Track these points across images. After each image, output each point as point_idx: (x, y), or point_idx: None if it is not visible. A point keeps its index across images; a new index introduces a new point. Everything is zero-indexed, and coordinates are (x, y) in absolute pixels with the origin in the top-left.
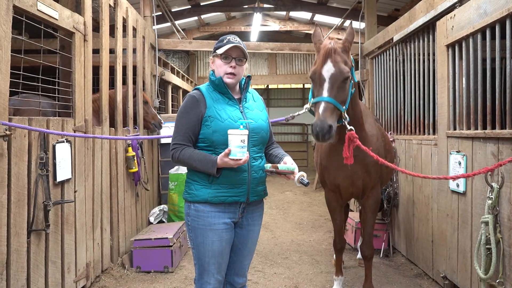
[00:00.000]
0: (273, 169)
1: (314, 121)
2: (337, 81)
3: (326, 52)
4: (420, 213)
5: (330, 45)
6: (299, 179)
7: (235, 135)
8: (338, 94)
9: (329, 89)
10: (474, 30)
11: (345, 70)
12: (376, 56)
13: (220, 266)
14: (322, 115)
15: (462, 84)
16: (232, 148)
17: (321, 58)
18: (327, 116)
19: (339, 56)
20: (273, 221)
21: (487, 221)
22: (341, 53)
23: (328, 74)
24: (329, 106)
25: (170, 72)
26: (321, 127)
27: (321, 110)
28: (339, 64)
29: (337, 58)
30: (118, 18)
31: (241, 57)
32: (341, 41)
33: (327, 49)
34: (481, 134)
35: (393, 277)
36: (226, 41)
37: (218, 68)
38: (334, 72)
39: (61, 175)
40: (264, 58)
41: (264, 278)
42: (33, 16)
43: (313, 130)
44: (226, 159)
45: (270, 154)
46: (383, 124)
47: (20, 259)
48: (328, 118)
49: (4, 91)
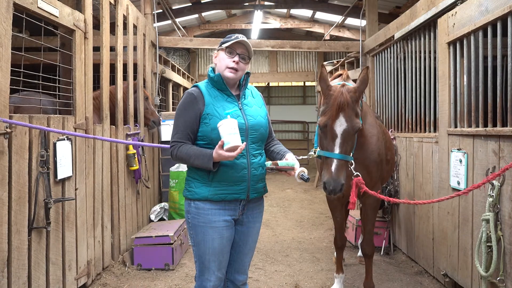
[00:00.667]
0: (273, 166)
1: (327, 178)
2: (349, 135)
3: (338, 105)
4: (421, 211)
5: (342, 97)
6: (300, 174)
7: (224, 125)
8: (348, 147)
9: (341, 145)
10: (476, 27)
11: (357, 124)
12: (377, 53)
13: (221, 264)
14: (335, 173)
15: (463, 81)
16: (225, 137)
17: (333, 111)
18: (340, 174)
19: (351, 109)
20: (274, 218)
21: (488, 219)
22: (352, 104)
23: (340, 130)
24: (341, 163)
25: (171, 69)
26: (334, 187)
27: (334, 168)
28: (351, 119)
29: (349, 112)
30: (119, 16)
31: (245, 56)
32: (353, 90)
33: (340, 102)
34: (482, 131)
35: (394, 274)
36: (234, 37)
37: (221, 61)
38: (347, 128)
39: (61, 172)
40: (265, 56)
41: (265, 275)
42: (33, 13)
43: (326, 187)
44: (220, 151)
45: (271, 151)
46: (383, 121)
47: (21, 256)
48: (341, 176)
49: (5, 89)
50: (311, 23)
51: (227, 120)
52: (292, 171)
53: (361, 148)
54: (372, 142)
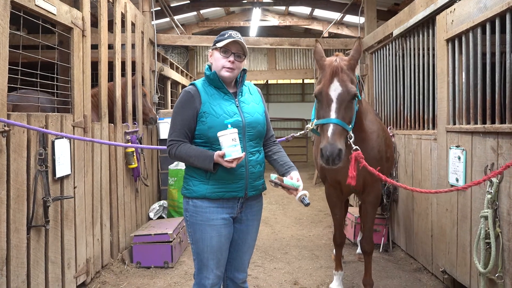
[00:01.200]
0: (278, 181)
1: (324, 144)
2: (345, 101)
3: (332, 70)
4: (420, 208)
5: (336, 62)
6: (301, 197)
7: (225, 136)
8: (345, 114)
9: (337, 110)
10: (474, 24)
11: (353, 89)
12: (376, 50)
13: (219, 262)
14: (332, 138)
15: (461, 78)
16: (225, 149)
17: (327, 77)
18: (336, 139)
19: (346, 74)
20: (273, 216)
21: (487, 216)
22: (347, 71)
23: (335, 94)
24: (338, 128)
25: (169, 67)
26: (331, 152)
27: (330, 133)
28: (346, 83)
29: (344, 77)
30: (117, 13)
31: (240, 53)
32: (347, 58)
33: (334, 67)
34: (481, 128)
35: (393, 271)
36: (227, 35)
37: (216, 61)
38: (342, 92)
39: (60, 171)
40: (263, 53)
41: (264, 273)
42: (31, 11)
43: (323, 154)
44: (220, 159)
45: (273, 160)
46: (382, 119)
47: (20, 255)
48: (338, 142)
49: (3, 87)
50: (309, 21)
51: (227, 131)
52: (295, 192)
53: (361, 144)
54: (372, 139)
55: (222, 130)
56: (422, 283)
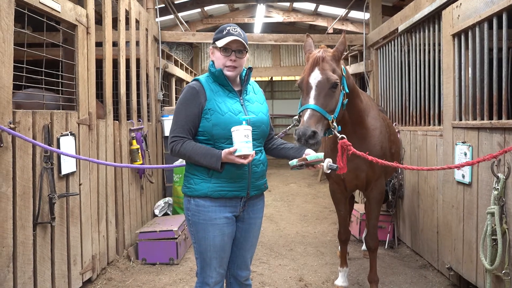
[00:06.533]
0: (302, 162)
1: (298, 127)
2: (324, 88)
3: (314, 60)
4: (425, 204)
5: (318, 53)
6: (328, 165)
7: (238, 131)
8: (325, 102)
9: (316, 97)
10: (481, 19)
11: (333, 77)
12: (381, 46)
13: (222, 260)
14: (307, 122)
15: (468, 74)
16: (237, 144)
17: (308, 66)
18: (311, 123)
19: (327, 64)
20: (278, 213)
21: (493, 212)
22: (330, 61)
23: (315, 82)
24: (315, 113)
25: (174, 64)
26: (303, 132)
27: (306, 117)
28: (326, 72)
29: (325, 66)
30: (121, 10)
31: (241, 49)
32: (331, 50)
33: (315, 57)
34: (487, 124)
35: (398, 268)
36: (225, 32)
37: (217, 60)
38: (321, 80)
39: (65, 168)
40: (268, 50)
41: (269, 269)
42: (35, 8)
43: (296, 135)
44: (231, 156)
45: (283, 148)
46: (387, 115)
47: (27, 251)
48: (312, 125)
49: (8, 85)
50: (314, 17)
51: (241, 127)
52: (320, 163)
53: (363, 141)
54: (375, 135)
55: (237, 125)
56: (428, 280)
